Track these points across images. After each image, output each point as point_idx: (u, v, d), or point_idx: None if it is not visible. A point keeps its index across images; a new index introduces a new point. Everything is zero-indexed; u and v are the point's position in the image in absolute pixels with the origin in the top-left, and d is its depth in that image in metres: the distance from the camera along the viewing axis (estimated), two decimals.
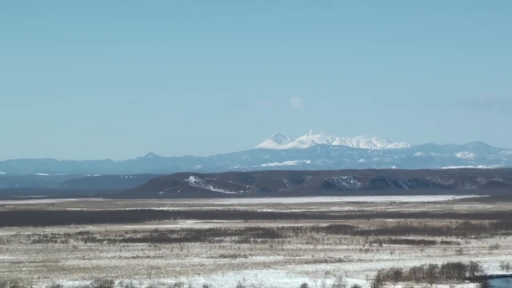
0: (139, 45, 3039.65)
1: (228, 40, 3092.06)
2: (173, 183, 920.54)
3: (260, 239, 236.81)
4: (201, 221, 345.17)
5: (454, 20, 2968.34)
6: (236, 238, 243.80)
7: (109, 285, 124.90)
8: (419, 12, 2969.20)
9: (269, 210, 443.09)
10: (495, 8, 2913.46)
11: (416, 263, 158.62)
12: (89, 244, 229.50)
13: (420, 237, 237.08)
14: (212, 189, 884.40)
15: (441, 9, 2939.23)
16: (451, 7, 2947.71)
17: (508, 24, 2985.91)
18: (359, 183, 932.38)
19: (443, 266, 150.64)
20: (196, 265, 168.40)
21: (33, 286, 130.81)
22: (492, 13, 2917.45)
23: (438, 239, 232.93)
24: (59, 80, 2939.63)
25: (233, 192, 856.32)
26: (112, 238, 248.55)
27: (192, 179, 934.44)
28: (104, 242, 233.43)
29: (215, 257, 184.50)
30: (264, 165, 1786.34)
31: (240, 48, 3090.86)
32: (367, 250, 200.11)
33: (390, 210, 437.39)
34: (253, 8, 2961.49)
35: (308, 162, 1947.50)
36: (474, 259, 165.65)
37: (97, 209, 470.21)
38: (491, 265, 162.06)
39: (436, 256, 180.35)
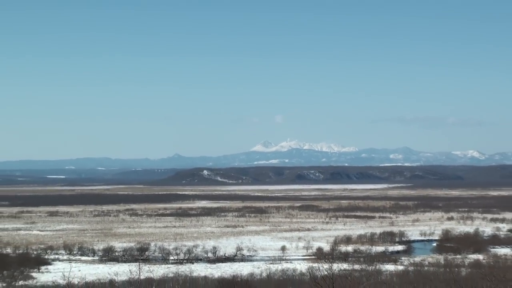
0: (176, 78, 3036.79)
1: (229, 75, 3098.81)
2: (192, 175, 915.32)
3: (253, 214, 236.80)
4: (211, 202, 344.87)
5: (383, 53, 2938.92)
6: (236, 213, 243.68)
7: (147, 246, 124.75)
8: (371, 45, 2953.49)
9: (259, 194, 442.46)
10: (420, 38, 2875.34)
11: (362, 232, 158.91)
12: (133, 217, 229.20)
13: (364, 213, 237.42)
14: (220, 180, 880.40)
15: (382, 39, 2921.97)
16: (388, 35, 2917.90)
17: (428, 55, 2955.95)
18: (322, 176, 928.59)
19: (380, 234, 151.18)
20: (208, 232, 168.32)
21: (94, 246, 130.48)
22: (415, 42, 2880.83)
23: (377, 214, 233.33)
24: (110, 101, 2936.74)
25: (234, 182, 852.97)
26: (149, 213, 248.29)
27: (205, 172, 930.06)
28: (144, 216, 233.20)
29: (221, 227, 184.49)
30: (256, 163, 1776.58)
31: (238, 81, 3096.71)
32: (327, 222, 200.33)
33: (344, 194, 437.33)
34: (249, 57, 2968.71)
35: (286, 160, 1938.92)
36: (402, 229, 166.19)
37: (139, 193, 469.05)
38: (413, 233, 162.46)
39: (375, 227, 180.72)
